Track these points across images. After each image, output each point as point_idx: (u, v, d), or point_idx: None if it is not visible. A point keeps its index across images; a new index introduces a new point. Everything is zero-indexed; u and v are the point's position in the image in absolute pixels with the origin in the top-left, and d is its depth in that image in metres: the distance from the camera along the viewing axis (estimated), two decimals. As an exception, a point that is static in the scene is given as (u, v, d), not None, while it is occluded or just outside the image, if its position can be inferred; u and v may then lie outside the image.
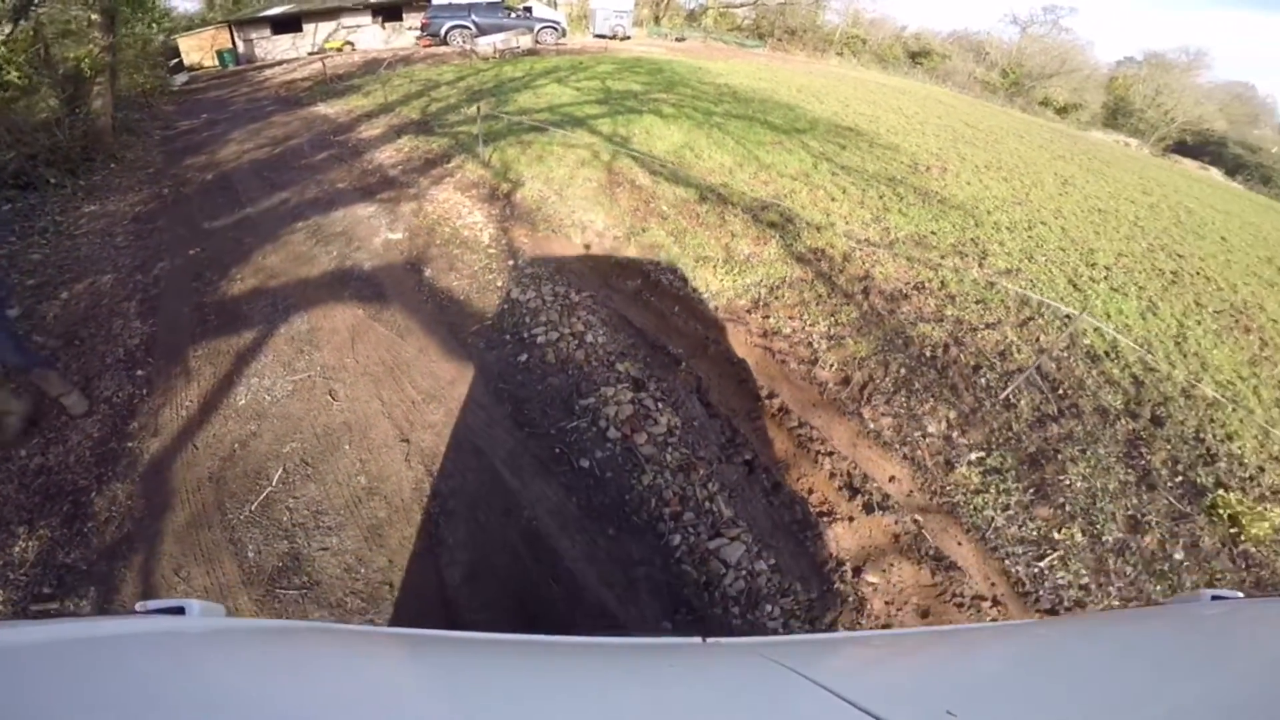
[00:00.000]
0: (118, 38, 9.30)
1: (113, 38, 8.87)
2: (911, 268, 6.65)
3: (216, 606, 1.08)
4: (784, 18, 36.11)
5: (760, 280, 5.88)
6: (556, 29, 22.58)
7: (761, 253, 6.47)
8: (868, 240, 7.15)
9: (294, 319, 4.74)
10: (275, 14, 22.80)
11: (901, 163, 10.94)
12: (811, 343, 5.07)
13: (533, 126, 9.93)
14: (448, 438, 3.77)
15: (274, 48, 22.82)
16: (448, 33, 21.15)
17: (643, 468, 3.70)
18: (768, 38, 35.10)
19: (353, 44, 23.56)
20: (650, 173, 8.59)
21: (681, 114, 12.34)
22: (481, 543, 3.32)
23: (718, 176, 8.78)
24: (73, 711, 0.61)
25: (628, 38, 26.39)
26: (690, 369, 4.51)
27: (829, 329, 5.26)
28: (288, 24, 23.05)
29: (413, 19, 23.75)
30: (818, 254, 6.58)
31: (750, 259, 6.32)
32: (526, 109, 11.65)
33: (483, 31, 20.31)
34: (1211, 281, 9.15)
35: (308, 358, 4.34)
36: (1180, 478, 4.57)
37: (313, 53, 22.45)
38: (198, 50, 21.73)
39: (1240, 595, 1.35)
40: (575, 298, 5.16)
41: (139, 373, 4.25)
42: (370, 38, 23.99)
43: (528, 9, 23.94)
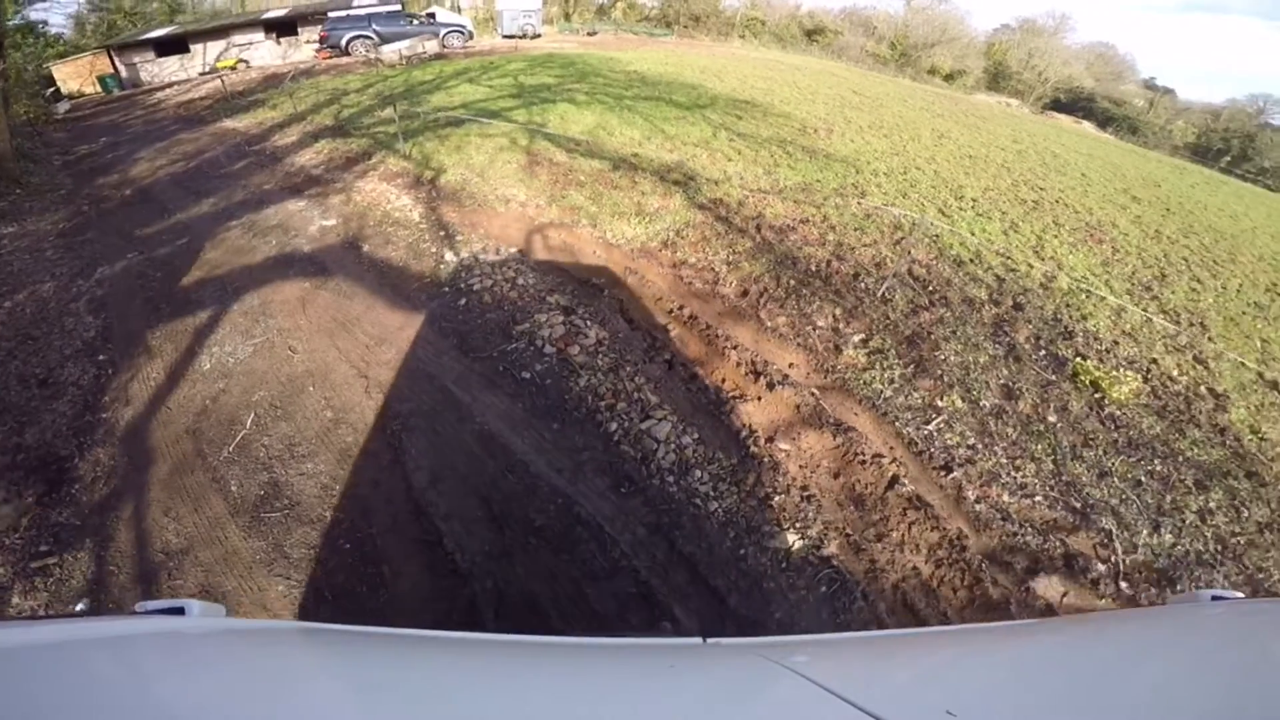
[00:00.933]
0: (8, 64, 9.02)
1: (3, 64, 8.63)
2: (798, 207, 7.65)
3: (217, 607, 1.09)
4: (688, 5, 37.41)
5: (668, 226, 6.68)
6: (463, 32, 22.71)
7: (669, 205, 7.28)
8: (760, 189, 8.12)
9: (245, 297, 5.13)
10: (159, 36, 21.81)
11: (792, 127, 12.09)
12: (714, 268, 5.91)
13: (449, 121, 10.36)
14: (402, 370, 4.33)
15: (160, 70, 21.81)
16: (349, 43, 20.91)
17: (578, 373, 4.39)
18: (675, 26, 36.32)
19: (246, 62, 22.81)
20: (567, 151, 9.24)
21: (594, 100, 13.02)
22: (441, 449, 3.90)
23: (629, 149, 9.53)
24: (73, 711, 0.61)
25: (538, 36, 26.76)
26: (613, 295, 5.24)
27: (728, 257, 6.12)
28: (173, 45, 22.07)
29: (309, 33, 23.27)
30: (717, 203, 7.47)
31: (659, 210, 7.12)
32: (441, 107, 12.00)
33: (385, 40, 20.21)
34: (1070, 207, 10.71)
35: (263, 325, 4.76)
36: (1043, 351, 5.49)
37: (204, 73, 21.64)
38: (75, 77, 20.52)
39: (1240, 595, 1.38)
40: (505, 252, 5.78)
41: (101, 357, 4.55)
42: (265, 54, 23.31)
43: (430, 15, 23.95)
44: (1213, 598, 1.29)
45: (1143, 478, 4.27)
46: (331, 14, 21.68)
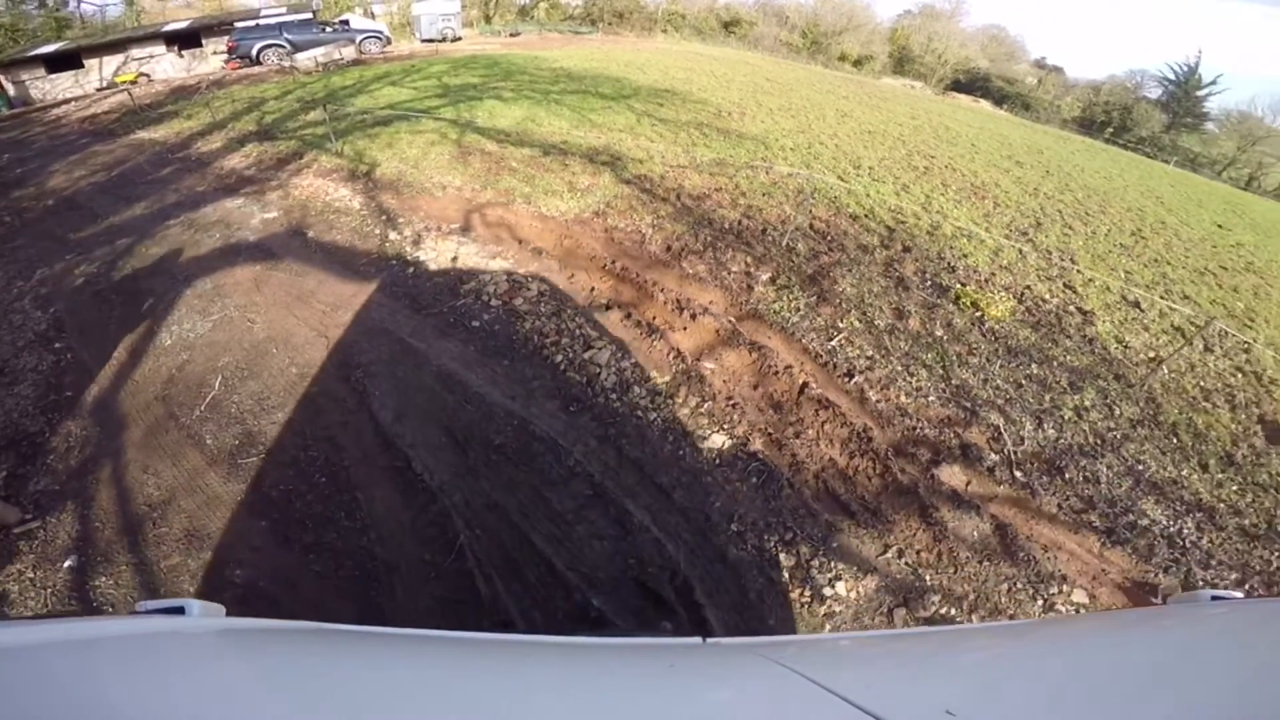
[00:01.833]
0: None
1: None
2: (714, 178, 8.47)
3: (217, 607, 1.08)
4: (612, 2, 37.95)
5: (599, 199, 7.32)
6: (380, 38, 22.48)
7: (598, 182, 7.93)
8: (680, 165, 8.90)
9: (196, 283, 5.38)
10: (48, 51, 20.46)
11: (709, 112, 13.01)
12: (641, 230, 6.60)
13: (378, 120, 10.59)
14: (360, 329, 4.77)
15: (53, 87, 20.47)
16: (259, 53, 20.37)
17: (523, 318, 4.97)
18: (599, 23, 36.86)
19: (148, 75, 21.73)
20: (497, 142, 9.70)
21: (521, 96, 13.45)
22: (403, 390, 4.37)
23: (558, 137, 10.10)
24: (73, 712, 0.62)
25: (458, 39, 26.69)
26: (551, 255, 5.82)
27: (653, 221, 6.83)
28: (65, 61, 20.76)
29: (215, 44, 22.45)
30: (642, 178, 8.18)
31: (590, 187, 7.75)
32: (367, 109, 12.14)
33: (298, 48, 19.83)
34: (958, 172, 12.04)
35: (220, 304, 5.06)
36: (929, 282, 6.43)
37: (102, 88, 20.51)
38: (-46, 100, 18.97)
39: (1240, 595, 1.39)
40: (447, 228, 6.25)
41: (57, 345, 4.73)
42: (168, 67, 22.29)
43: (344, 22, 23.54)
44: (1213, 598, 1.29)
45: (1023, 380, 5.11)
46: (239, 24, 21.04)
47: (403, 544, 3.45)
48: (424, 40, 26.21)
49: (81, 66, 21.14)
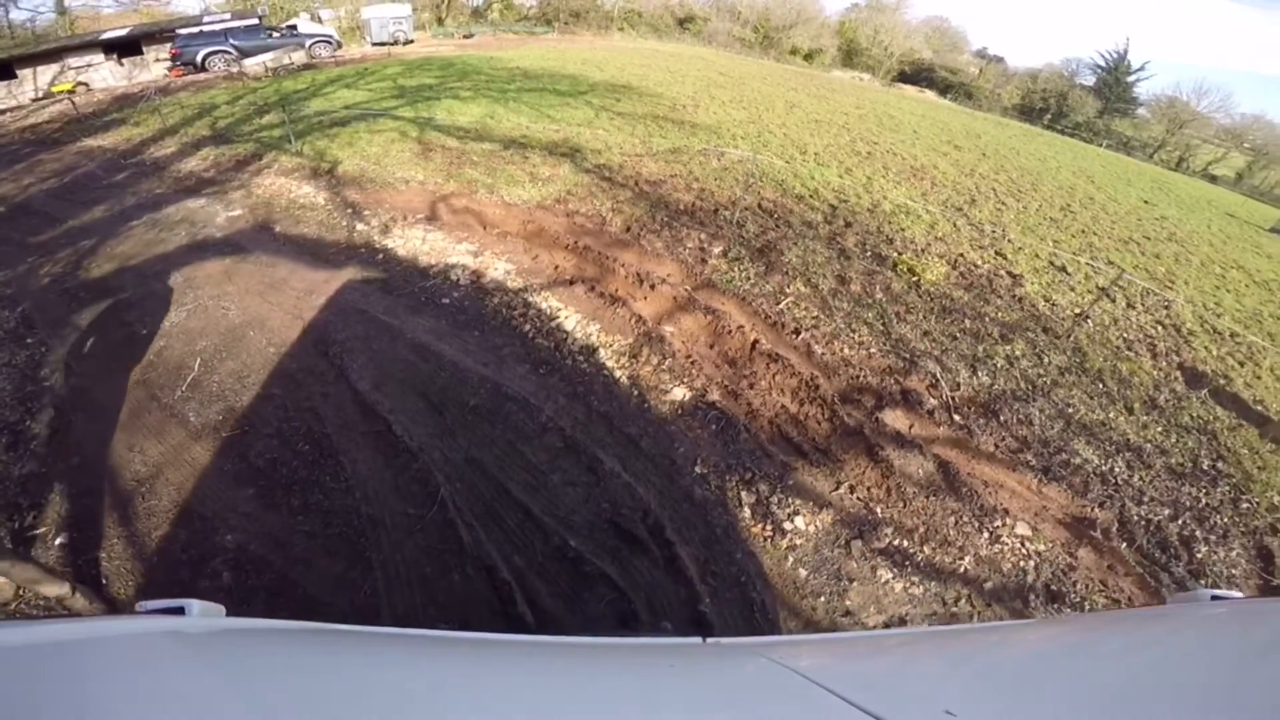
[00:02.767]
0: None
1: None
2: (669, 166, 8.90)
3: (217, 607, 1.08)
4: (568, 1, 38.07)
5: (560, 188, 7.66)
6: (330, 42, 22.20)
7: (558, 172, 8.26)
8: (637, 154, 9.30)
9: (167, 277, 5.50)
10: (-25, 63, 19.60)
11: (664, 105, 13.47)
12: (601, 214, 6.96)
13: (335, 121, 10.67)
14: (334, 310, 5.00)
15: (-18, 99, 19.62)
16: (205, 60, 19.94)
17: (491, 294, 5.28)
18: (555, 23, 36.93)
19: (86, 84, 20.99)
20: (458, 139, 9.91)
21: (479, 95, 13.64)
22: (380, 362, 4.62)
23: (518, 132, 10.37)
24: (73, 712, 0.61)
25: (410, 42, 26.54)
26: (515, 238, 6.14)
27: (612, 205, 7.20)
28: (-5, 71, 19.92)
29: (157, 51, 21.84)
30: (601, 167, 8.55)
31: (550, 177, 8.07)
32: (324, 111, 12.16)
33: (245, 54, 19.51)
34: (898, 156, 12.76)
35: (192, 294, 5.21)
36: (869, 252, 6.95)
37: (39, 98, 19.74)
38: (-125, 115, 17.99)
39: (1240, 595, 1.39)
40: (413, 217, 6.49)
41: (29, 340, 4.81)
42: (107, 75, 21.57)
43: (291, 27, 23.16)
44: (1212, 598, 1.30)
45: (957, 334, 5.57)
46: (181, 31, 20.52)
47: (387, 500, 3.67)
48: (375, 44, 25.98)
49: (14, 77, 20.31)
